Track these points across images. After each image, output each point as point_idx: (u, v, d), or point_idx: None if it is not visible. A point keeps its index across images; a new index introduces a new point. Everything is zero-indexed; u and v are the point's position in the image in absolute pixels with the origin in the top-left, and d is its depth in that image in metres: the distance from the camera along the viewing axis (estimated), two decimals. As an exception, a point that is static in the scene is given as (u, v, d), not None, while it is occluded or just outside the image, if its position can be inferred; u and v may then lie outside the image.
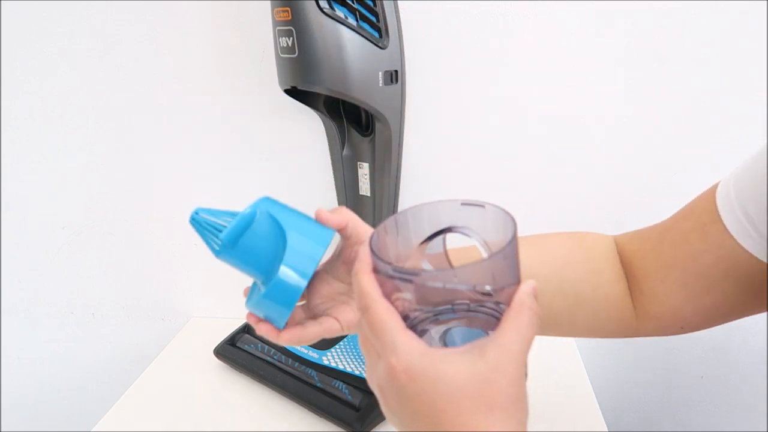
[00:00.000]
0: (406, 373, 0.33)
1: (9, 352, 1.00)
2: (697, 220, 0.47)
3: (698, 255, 0.47)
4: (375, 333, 0.35)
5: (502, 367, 0.33)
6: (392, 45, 0.64)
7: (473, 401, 0.33)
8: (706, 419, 0.93)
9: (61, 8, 0.78)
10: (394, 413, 0.36)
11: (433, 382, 0.33)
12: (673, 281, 0.49)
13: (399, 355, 0.34)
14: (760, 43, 0.71)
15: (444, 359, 0.34)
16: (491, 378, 0.33)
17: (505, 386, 0.33)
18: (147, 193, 0.88)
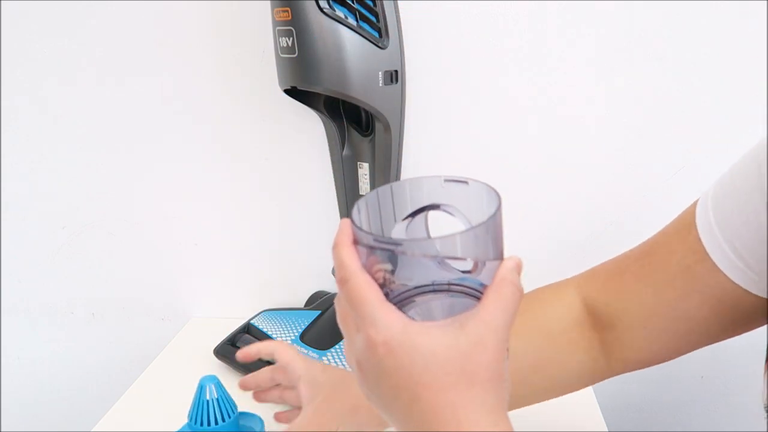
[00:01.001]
0: (385, 347, 0.32)
1: (9, 352, 1.00)
2: (681, 262, 0.44)
3: (684, 298, 0.44)
4: (354, 306, 0.33)
5: (483, 341, 0.32)
6: (392, 45, 0.64)
7: (453, 376, 0.32)
8: (706, 419, 0.93)
9: (61, 8, 0.78)
10: (372, 390, 0.35)
11: (412, 357, 0.32)
12: (655, 328, 0.47)
13: (378, 328, 0.32)
14: (760, 43, 0.71)
15: (424, 333, 0.32)
16: (472, 353, 0.32)
17: (486, 361, 0.32)
18: (147, 193, 0.88)
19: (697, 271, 0.43)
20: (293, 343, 0.77)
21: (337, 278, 0.34)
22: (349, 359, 0.37)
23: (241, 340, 0.80)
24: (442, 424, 0.32)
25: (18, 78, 0.83)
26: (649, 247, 0.49)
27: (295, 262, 0.91)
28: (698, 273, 0.43)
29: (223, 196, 0.87)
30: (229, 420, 0.59)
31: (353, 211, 0.35)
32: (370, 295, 0.33)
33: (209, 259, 0.92)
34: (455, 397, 0.32)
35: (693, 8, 0.71)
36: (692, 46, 0.73)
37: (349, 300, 0.34)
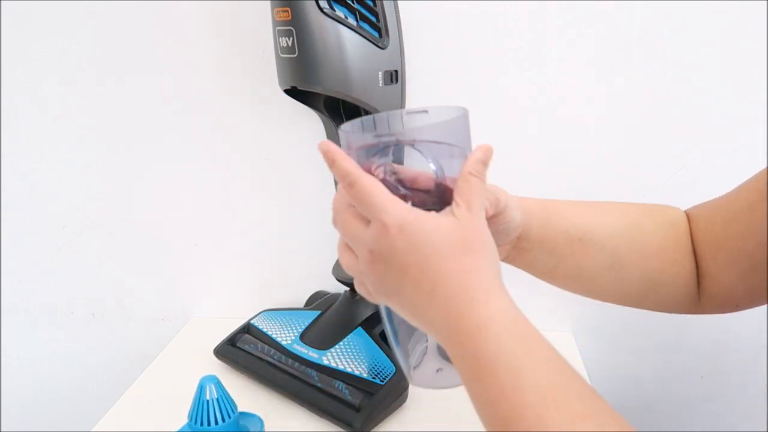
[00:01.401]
0: (397, 228, 0.37)
1: (9, 352, 1.00)
2: (746, 199, 0.47)
3: (746, 234, 0.47)
4: (364, 201, 0.38)
5: (470, 220, 0.38)
6: (392, 45, 0.64)
7: (457, 245, 0.37)
8: (706, 419, 0.93)
9: (61, 8, 0.78)
10: (381, 275, 0.39)
11: (422, 233, 0.37)
12: (723, 260, 0.50)
13: (390, 212, 0.37)
14: (760, 43, 0.71)
15: (427, 215, 0.38)
16: (466, 227, 0.38)
17: (478, 234, 0.38)
18: (147, 193, 0.88)
19: (757, 208, 0.45)
20: (293, 344, 0.77)
21: (343, 186, 0.39)
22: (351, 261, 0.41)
23: (241, 340, 0.80)
24: (450, 285, 0.36)
25: (18, 78, 0.83)
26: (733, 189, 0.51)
27: (295, 262, 0.91)
28: (758, 211, 0.45)
29: (223, 196, 0.87)
30: (229, 420, 0.59)
31: (346, 126, 0.41)
32: (377, 189, 0.38)
33: (209, 259, 0.92)
34: (459, 262, 0.37)
35: (693, 8, 0.71)
36: (692, 46, 0.73)
37: (358, 199, 0.38)
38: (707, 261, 0.51)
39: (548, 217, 0.51)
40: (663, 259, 0.53)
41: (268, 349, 0.77)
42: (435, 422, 0.66)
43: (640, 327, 0.89)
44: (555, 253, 0.51)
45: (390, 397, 0.69)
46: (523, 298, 0.98)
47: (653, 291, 0.54)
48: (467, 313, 0.36)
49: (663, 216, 0.55)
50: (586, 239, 0.51)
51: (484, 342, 0.35)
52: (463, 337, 0.35)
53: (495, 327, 0.35)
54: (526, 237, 0.50)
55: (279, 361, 0.76)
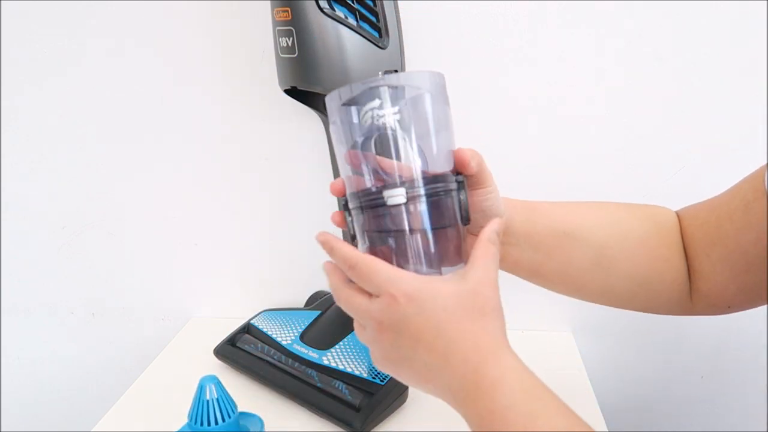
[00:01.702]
0: (406, 296, 0.38)
1: (9, 352, 1.00)
2: (743, 198, 0.48)
3: (740, 233, 0.47)
4: (369, 279, 0.40)
5: (482, 283, 0.39)
6: (392, 45, 0.64)
7: (468, 310, 0.38)
8: (706, 419, 0.93)
9: (62, 8, 0.78)
10: (392, 345, 0.40)
11: (431, 299, 0.38)
12: (717, 258, 0.50)
13: (396, 283, 0.38)
14: (760, 43, 0.71)
15: (436, 281, 0.39)
16: (477, 290, 0.39)
17: (489, 297, 0.39)
18: (147, 193, 0.88)
19: (754, 208, 0.46)
20: (293, 344, 0.77)
21: (346, 269, 0.41)
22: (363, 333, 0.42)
23: (241, 340, 0.80)
24: (465, 349, 0.38)
25: (18, 78, 0.83)
26: (727, 189, 0.52)
27: (295, 262, 0.91)
28: (755, 210, 0.46)
29: (223, 196, 0.87)
30: (229, 420, 0.59)
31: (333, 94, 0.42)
32: (380, 264, 0.39)
33: (209, 259, 0.92)
34: (472, 326, 0.38)
35: (693, 8, 0.71)
36: (692, 46, 0.73)
37: (363, 278, 0.40)
38: (701, 259, 0.52)
39: (532, 214, 0.52)
40: (650, 256, 0.53)
41: (268, 349, 0.77)
42: (435, 422, 0.66)
43: (640, 327, 0.89)
44: (540, 249, 0.52)
45: (390, 397, 0.69)
46: (523, 298, 0.99)
47: (642, 290, 0.54)
48: (482, 372, 0.37)
49: (649, 214, 0.56)
50: (571, 234, 0.52)
51: (498, 396, 0.36)
52: (479, 393, 0.37)
53: (508, 382, 0.37)
54: (511, 231, 0.50)
55: (279, 361, 0.76)
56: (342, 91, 0.42)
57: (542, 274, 0.54)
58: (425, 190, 0.41)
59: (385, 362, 0.41)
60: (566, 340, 0.88)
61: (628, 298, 0.55)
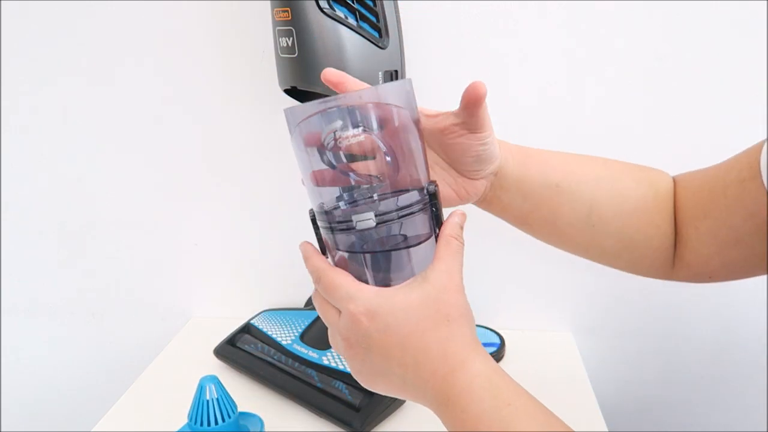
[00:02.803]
0: (367, 314, 0.38)
1: (9, 352, 1.00)
2: (738, 174, 0.47)
3: (732, 208, 0.47)
4: (331, 293, 0.39)
5: (446, 286, 0.38)
6: (392, 45, 0.64)
7: (432, 319, 0.38)
8: (706, 419, 0.93)
9: (61, 8, 0.78)
10: (363, 363, 0.39)
11: (392, 313, 0.37)
12: (706, 230, 0.50)
13: (356, 300, 0.38)
14: (760, 43, 0.71)
15: (396, 293, 0.38)
16: (440, 297, 0.38)
17: (453, 301, 0.38)
18: (147, 193, 0.88)
19: (748, 185, 0.46)
20: (293, 344, 0.77)
21: (314, 280, 0.41)
22: (337, 349, 0.42)
23: (241, 340, 0.80)
24: (433, 360, 0.37)
25: (18, 78, 0.83)
26: (725, 160, 0.52)
27: (295, 262, 0.89)
28: (748, 188, 0.46)
29: (223, 196, 0.87)
30: (229, 420, 0.59)
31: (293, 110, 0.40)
32: (341, 279, 0.39)
33: (209, 259, 0.92)
34: (438, 334, 0.37)
35: (693, 8, 0.71)
36: (692, 46, 0.73)
37: (325, 291, 0.40)
38: (689, 229, 0.52)
39: (526, 160, 0.51)
40: (640, 218, 0.53)
41: (268, 349, 0.77)
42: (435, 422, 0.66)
43: (641, 327, 0.89)
44: (530, 197, 0.51)
45: (390, 397, 0.69)
46: (524, 298, 0.99)
47: (628, 250, 0.54)
48: (451, 383, 0.37)
49: (647, 177, 0.55)
50: (564, 185, 0.51)
51: (468, 405, 0.36)
52: (450, 404, 0.37)
53: (477, 391, 0.36)
54: (504, 175, 0.50)
55: (279, 361, 0.76)
56: (301, 108, 0.39)
57: (529, 223, 0.53)
58: (396, 209, 0.39)
59: (361, 376, 0.41)
60: (566, 340, 0.88)
61: (612, 256, 0.55)
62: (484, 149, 0.47)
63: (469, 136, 0.46)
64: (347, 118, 0.39)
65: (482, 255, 0.82)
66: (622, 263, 0.56)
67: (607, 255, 0.55)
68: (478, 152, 0.47)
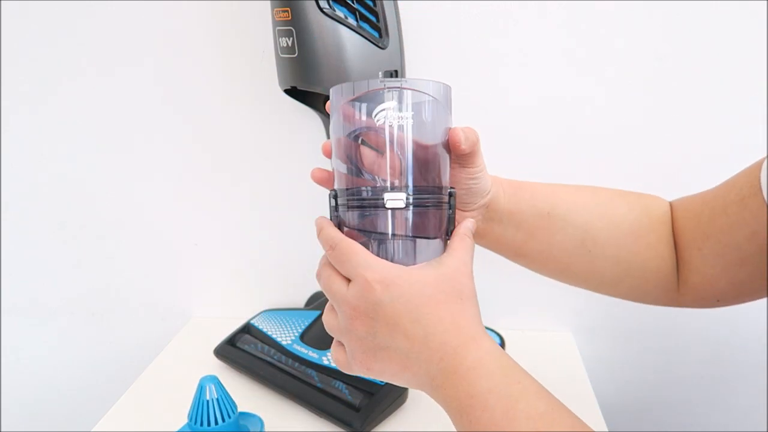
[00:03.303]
0: (382, 283, 0.38)
1: (9, 352, 1.00)
2: (738, 193, 0.47)
3: (735, 227, 0.47)
4: (347, 261, 0.40)
5: (459, 269, 0.40)
6: (392, 45, 0.64)
7: (447, 293, 0.39)
8: (706, 419, 0.93)
9: (62, 8, 0.78)
10: (365, 338, 0.40)
11: (408, 284, 0.38)
12: (709, 251, 0.50)
13: (373, 268, 0.39)
14: (760, 43, 0.71)
15: (412, 269, 0.39)
16: (454, 276, 0.40)
17: (466, 282, 0.40)
18: (147, 193, 0.88)
19: (749, 203, 0.46)
20: (293, 344, 0.77)
21: (326, 250, 0.42)
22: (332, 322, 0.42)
23: (241, 340, 0.80)
24: (442, 333, 0.38)
25: (18, 78, 0.83)
26: (722, 183, 0.52)
27: (296, 262, 0.91)
28: (749, 205, 0.46)
29: (223, 196, 0.87)
30: (229, 420, 0.59)
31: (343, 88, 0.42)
32: (358, 248, 0.40)
33: (209, 259, 0.92)
34: (452, 307, 0.39)
35: (693, 8, 0.71)
36: (692, 46, 0.73)
37: (340, 260, 0.40)
38: (692, 252, 0.51)
39: (517, 192, 0.52)
40: (637, 242, 0.53)
41: (268, 349, 0.77)
42: (435, 422, 0.66)
43: (641, 327, 0.89)
44: (523, 227, 0.51)
45: (390, 397, 0.69)
46: (523, 298, 0.99)
47: (628, 275, 0.54)
48: (462, 355, 0.37)
49: (639, 201, 0.55)
50: (555, 213, 0.51)
51: (478, 379, 0.36)
52: (458, 377, 0.37)
53: (487, 365, 0.37)
54: (495, 208, 0.50)
55: (279, 361, 0.76)
56: (355, 85, 0.42)
57: (524, 254, 0.54)
58: (422, 198, 0.41)
59: (358, 354, 0.41)
60: (566, 340, 0.88)
61: (612, 283, 0.55)
62: (475, 183, 0.47)
63: (460, 170, 0.46)
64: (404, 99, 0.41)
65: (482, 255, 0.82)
66: (624, 290, 0.56)
67: (607, 282, 0.55)
68: (469, 186, 0.47)
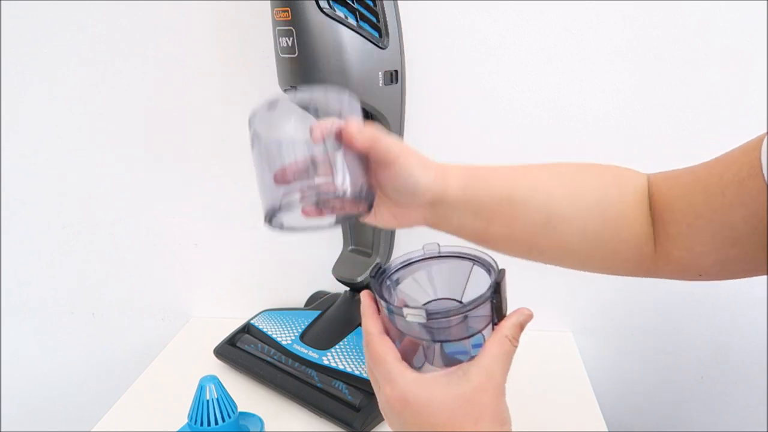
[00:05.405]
0: (400, 401, 0.39)
1: (9, 352, 1.00)
2: (737, 173, 0.46)
3: (731, 208, 0.46)
4: (374, 365, 0.41)
5: (484, 386, 0.38)
6: (392, 45, 0.64)
7: (461, 420, 0.38)
8: (706, 419, 0.93)
9: (62, 8, 0.78)
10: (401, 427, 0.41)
11: (425, 406, 0.38)
12: (700, 229, 0.49)
13: (393, 383, 0.39)
14: (760, 43, 0.71)
15: (433, 384, 0.39)
16: (475, 398, 0.38)
17: (488, 404, 0.38)
18: (147, 193, 0.88)
19: (748, 185, 0.44)
20: (293, 344, 0.77)
21: (364, 342, 0.42)
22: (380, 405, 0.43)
23: (241, 340, 0.80)
24: None
25: (18, 77, 0.83)
26: (715, 159, 0.50)
27: (295, 262, 0.91)
28: (748, 187, 0.44)
29: (223, 196, 0.87)
30: (229, 420, 0.59)
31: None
32: (387, 355, 0.40)
33: (209, 259, 0.92)
34: None
35: (693, 8, 0.71)
36: (692, 46, 0.73)
37: (372, 361, 0.41)
38: (680, 226, 0.50)
39: (470, 181, 0.50)
40: (604, 214, 0.51)
41: (268, 349, 0.77)
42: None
43: (641, 327, 0.89)
44: (482, 215, 0.50)
45: (390, 397, 0.69)
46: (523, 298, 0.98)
47: (598, 248, 0.52)
48: None
49: (605, 171, 0.54)
50: (515, 197, 0.50)
51: None
52: None
53: None
54: (444, 201, 0.49)
55: (279, 361, 0.76)
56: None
57: (487, 239, 0.52)
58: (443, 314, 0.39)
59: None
60: (566, 340, 0.88)
61: (583, 257, 0.53)
62: (401, 183, 0.46)
63: (383, 170, 0.45)
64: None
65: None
66: (596, 263, 0.54)
67: (577, 257, 0.54)
68: (396, 187, 0.46)
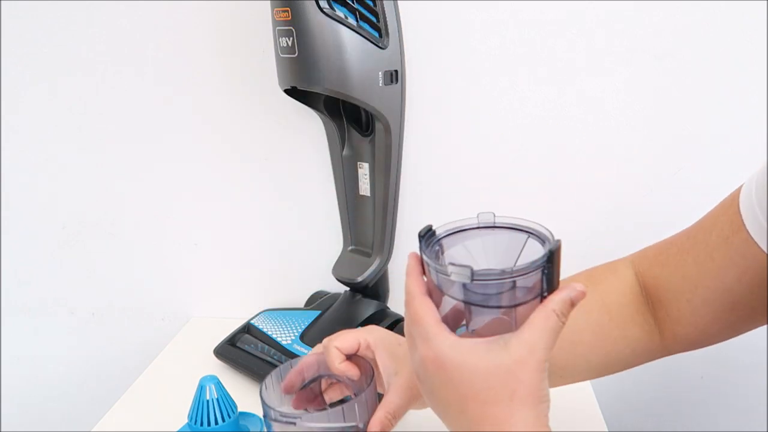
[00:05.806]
0: (435, 363, 0.37)
1: (9, 352, 1.00)
2: (720, 234, 0.45)
3: (723, 271, 0.45)
4: (412, 324, 0.39)
5: (524, 360, 0.35)
6: (392, 45, 0.64)
7: (495, 392, 0.35)
8: (706, 419, 0.93)
9: (62, 8, 0.78)
10: (429, 397, 0.40)
11: (459, 372, 0.36)
12: (699, 300, 0.47)
13: (430, 344, 0.37)
14: (760, 43, 0.71)
15: (471, 350, 0.36)
16: (513, 370, 0.35)
17: (526, 379, 0.35)
18: (147, 193, 0.88)
19: (734, 242, 0.44)
20: (293, 344, 0.77)
21: (405, 300, 0.40)
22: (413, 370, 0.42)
23: (241, 340, 0.80)
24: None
25: (18, 77, 0.83)
26: (696, 224, 0.50)
27: (295, 262, 0.91)
28: (734, 244, 0.44)
29: (223, 196, 0.87)
30: (229, 420, 0.59)
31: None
32: (425, 316, 0.38)
33: (209, 259, 0.92)
34: (497, 411, 0.35)
35: (693, 8, 0.71)
36: (692, 46, 0.73)
37: (410, 320, 0.39)
38: (680, 304, 0.49)
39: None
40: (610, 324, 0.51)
41: (268, 349, 0.77)
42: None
43: (640, 327, 0.89)
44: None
45: (390, 397, 0.69)
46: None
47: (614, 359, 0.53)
48: None
49: (593, 308, 0.52)
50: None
51: None
52: None
53: None
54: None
55: (279, 361, 0.76)
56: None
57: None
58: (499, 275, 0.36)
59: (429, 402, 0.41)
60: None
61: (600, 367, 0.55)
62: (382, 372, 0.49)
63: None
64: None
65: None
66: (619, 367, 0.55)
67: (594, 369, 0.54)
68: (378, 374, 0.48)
